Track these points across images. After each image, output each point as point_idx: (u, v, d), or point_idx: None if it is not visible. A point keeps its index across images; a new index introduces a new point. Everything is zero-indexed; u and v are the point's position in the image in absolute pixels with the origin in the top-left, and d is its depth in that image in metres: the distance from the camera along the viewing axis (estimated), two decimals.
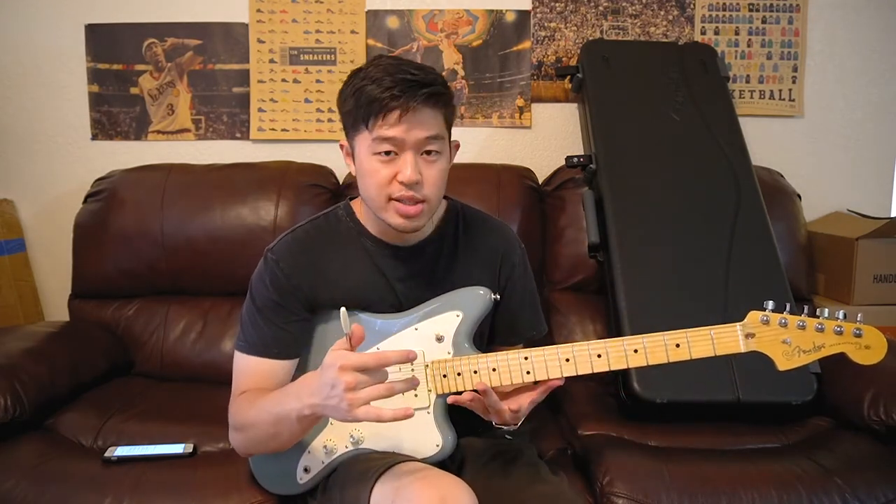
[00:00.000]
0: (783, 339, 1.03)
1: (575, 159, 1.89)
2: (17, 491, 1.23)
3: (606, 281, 1.73)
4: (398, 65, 1.06)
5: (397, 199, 1.08)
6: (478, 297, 1.15)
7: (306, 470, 1.16)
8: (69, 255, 1.96)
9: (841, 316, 1.03)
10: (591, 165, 1.85)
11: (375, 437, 1.13)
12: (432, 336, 1.14)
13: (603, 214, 1.76)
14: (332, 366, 0.92)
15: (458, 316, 1.14)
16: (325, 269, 1.18)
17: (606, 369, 1.08)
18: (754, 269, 1.69)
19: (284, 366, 1.16)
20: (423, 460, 1.09)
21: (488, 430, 1.27)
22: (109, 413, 1.52)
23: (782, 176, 2.07)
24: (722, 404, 1.51)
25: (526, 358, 1.09)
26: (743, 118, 2.02)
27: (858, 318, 1.03)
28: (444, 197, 1.25)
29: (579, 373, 1.08)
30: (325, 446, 1.14)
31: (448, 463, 1.15)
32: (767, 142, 2.23)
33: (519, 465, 1.17)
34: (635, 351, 1.07)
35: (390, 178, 1.07)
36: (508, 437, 1.25)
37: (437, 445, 1.11)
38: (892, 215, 2.24)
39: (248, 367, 1.15)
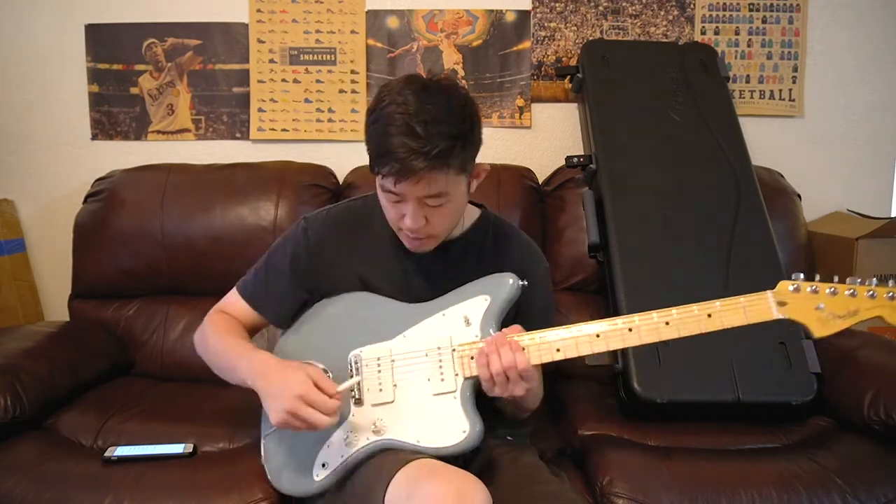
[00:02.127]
0: (816, 305, 1.03)
1: (575, 159, 1.89)
2: (17, 491, 1.23)
3: (606, 281, 1.73)
4: (413, 115, 1.02)
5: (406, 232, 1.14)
6: (506, 283, 1.16)
7: (324, 465, 1.13)
8: (69, 255, 1.96)
9: (873, 282, 1.02)
10: (591, 165, 1.85)
11: (398, 426, 1.11)
12: (460, 319, 1.14)
13: (603, 214, 1.76)
14: (293, 392, 1.04)
15: (486, 300, 1.15)
16: (350, 249, 1.24)
17: (638, 343, 1.07)
18: (754, 269, 1.69)
19: (257, 319, 1.29)
20: (449, 448, 1.07)
21: (490, 431, 1.27)
22: (109, 413, 1.51)
23: (782, 176, 2.07)
24: (722, 404, 1.51)
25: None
26: (743, 118, 2.02)
27: (891, 283, 1.02)
28: (479, 205, 1.30)
29: (610, 348, 1.08)
30: (345, 438, 1.12)
31: (451, 461, 1.15)
32: (767, 142, 2.23)
33: (520, 465, 1.17)
34: (667, 323, 1.06)
35: (398, 217, 1.12)
36: (509, 437, 1.25)
37: (464, 432, 1.08)
38: (892, 215, 2.24)
39: (236, 303, 1.30)
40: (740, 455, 1.38)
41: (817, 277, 1.05)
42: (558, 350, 1.09)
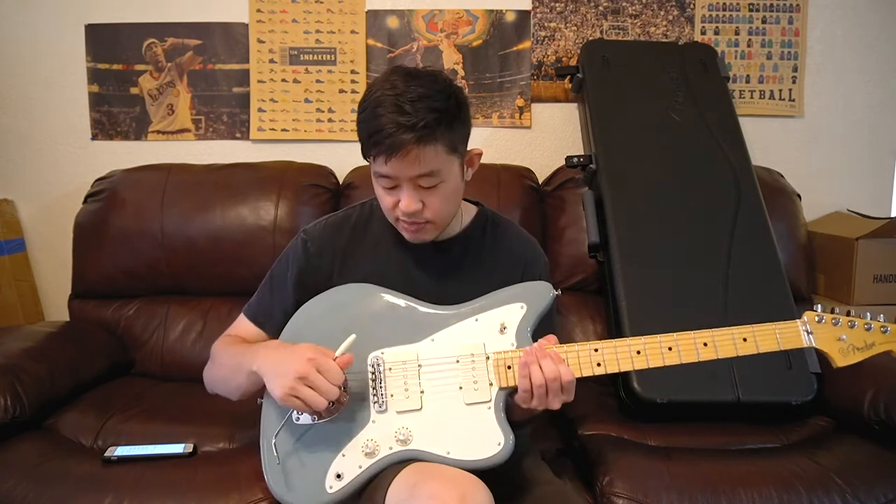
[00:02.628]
0: (839, 336, 1.09)
1: (575, 159, 1.89)
2: (17, 491, 1.23)
3: (606, 281, 1.73)
4: (401, 95, 1.04)
5: (403, 220, 1.13)
6: (543, 292, 1.14)
7: (339, 476, 1.05)
8: (69, 255, 1.96)
9: (881, 319, 1.09)
10: (591, 165, 1.85)
11: (426, 436, 1.05)
12: (496, 326, 1.11)
13: (603, 214, 1.76)
14: (305, 356, 1.02)
15: (522, 308, 1.12)
16: (351, 253, 1.24)
17: (677, 362, 1.09)
18: (754, 269, 1.69)
19: (264, 338, 1.24)
20: (484, 461, 1.03)
21: None
22: (109, 413, 1.51)
23: (782, 176, 2.07)
24: (722, 404, 1.51)
25: (596, 350, 1.08)
26: (743, 118, 2.02)
27: None
28: (476, 203, 1.30)
29: (651, 366, 1.09)
30: (364, 446, 1.05)
31: None
32: (767, 142, 2.23)
33: (521, 466, 1.17)
34: (705, 345, 1.09)
35: (394, 204, 1.12)
36: None
37: (499, 444, 1.03)
38: (892, 215, 2.24)
39: (242, 324, 1.28)
40: (740, 455, 1.38)
41: (835, 310, 1.11)
42: (598, 364, 1.08)
